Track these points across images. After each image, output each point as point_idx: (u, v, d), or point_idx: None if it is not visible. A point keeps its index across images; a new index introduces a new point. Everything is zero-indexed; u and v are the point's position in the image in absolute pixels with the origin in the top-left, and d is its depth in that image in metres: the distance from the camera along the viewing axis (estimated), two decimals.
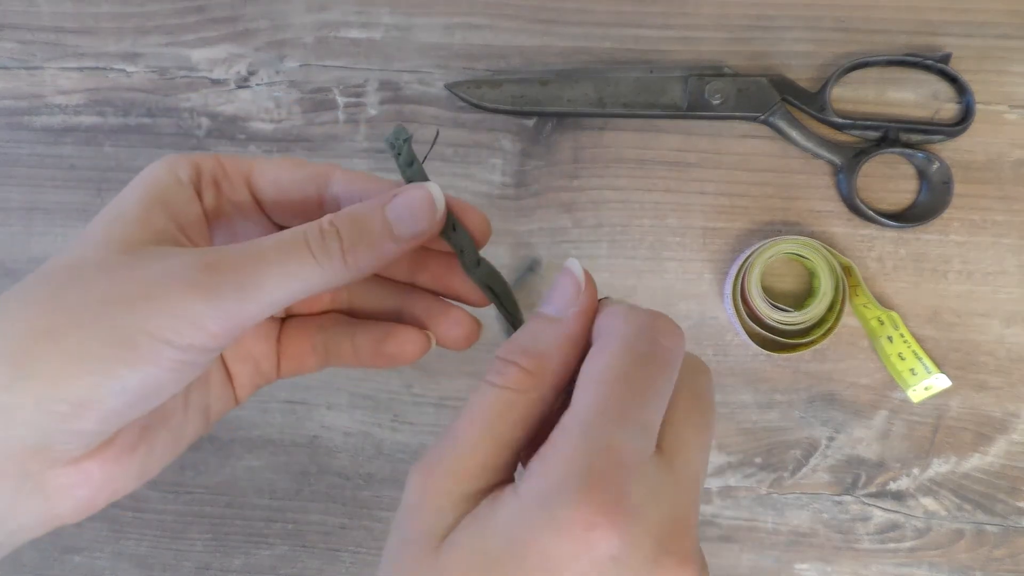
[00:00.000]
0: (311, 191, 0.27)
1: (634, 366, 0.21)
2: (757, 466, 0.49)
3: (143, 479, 0.25)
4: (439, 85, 0.48)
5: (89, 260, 0.22)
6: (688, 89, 0.46)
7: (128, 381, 0.21)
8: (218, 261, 0.22)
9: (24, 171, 0.51)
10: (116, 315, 0.21)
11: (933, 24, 0.47)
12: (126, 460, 0.23)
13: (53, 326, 0.21)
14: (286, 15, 0.49)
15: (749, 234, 0.48)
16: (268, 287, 0.22)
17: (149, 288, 0.21)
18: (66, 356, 0.20)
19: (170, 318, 0.21)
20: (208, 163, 0.26)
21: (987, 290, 0.47)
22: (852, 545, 0.49)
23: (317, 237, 0.23)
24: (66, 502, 0.22)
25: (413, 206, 0.24)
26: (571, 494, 0.19)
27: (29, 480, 0.21)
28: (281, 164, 0.27)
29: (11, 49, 0.50)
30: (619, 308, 0.23)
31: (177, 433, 0.26)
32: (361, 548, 0.52)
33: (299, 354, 0.29)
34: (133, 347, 0.21)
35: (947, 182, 0.46)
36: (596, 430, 0.20)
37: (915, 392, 0.46)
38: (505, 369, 0.22)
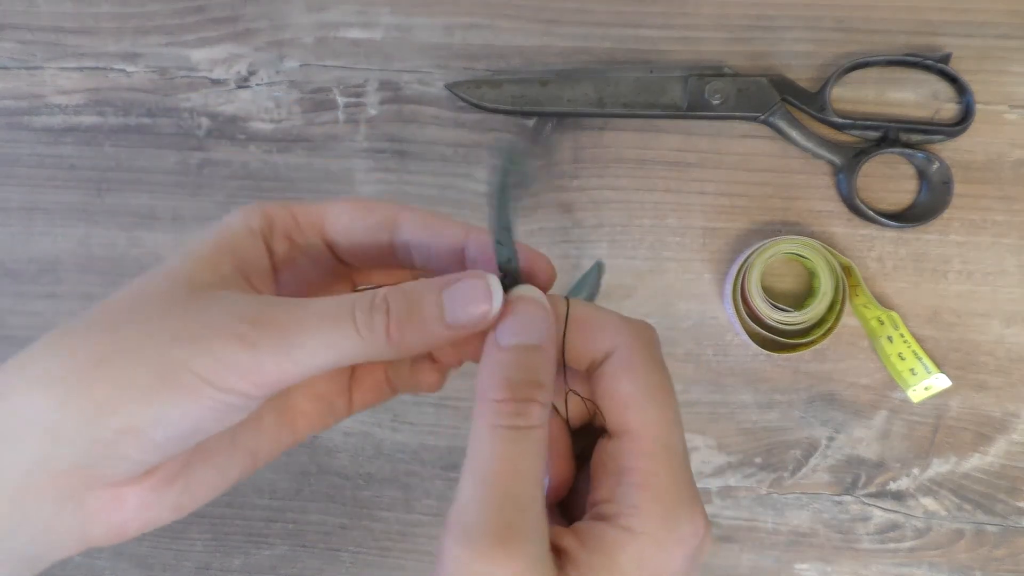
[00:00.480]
0: (383, 237, 0.27)
1: (661, 375, 0.24)
2: (757, 466, 0.49)
3: (179, 513, 0.25)
4: (439, 85, 0.48)
5: (152, 294, 0.23)
6: (688, 89, 0.46)
7: (169, 414, 0.21)
8: (262, 315, 0.22)
9: (24, 171, 0.51)
10: (164, 349, 0.21)
11: (933, 24, 0.47)
12: (163, 492, 0.24)
13: (106, 354, 0.21)
14: (286, 15, 0.49)
15: (749, 234, 0.48)
16: (307, 350, 0.22)
17: (198, 329, 0.22)
18: (113, 383, 0.21)
19: (212, 361, 0.21)
20: (281, 214, 0.26)
21: (987, 290, 0.47)
22: (852, 545, 0.49)
23: (365, 310, 0.23)
24: (100, 526, 0.23)
25: (471, 295, 0.23)
26: (686, 511, 0.22)
27: (69, 500, 0.22)
28: (353, 212, 0.27)
29: (11, 49, 0.50)
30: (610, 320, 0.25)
31: (220, 471, 0.26)
32: (361, 548, 0.52)
33: (374, 386, 0.29)
34: (176, 382, 0.21)
35: (947, 182, 0.46)
36: (673, 449, 0.23)
37: (915, 392, 0.46)
38: (526, 410, 0.22)
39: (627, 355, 0.24)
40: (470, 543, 0.21)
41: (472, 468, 0.22)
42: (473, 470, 0.22)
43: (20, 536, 0.22)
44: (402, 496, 0.51)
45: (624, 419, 0.24)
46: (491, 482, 0.21)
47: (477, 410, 0.23)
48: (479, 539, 0.21)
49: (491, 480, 0.21)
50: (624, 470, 0.23)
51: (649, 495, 0.22)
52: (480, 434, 0.22)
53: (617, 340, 0.24)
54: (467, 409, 0.50)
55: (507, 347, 0.23)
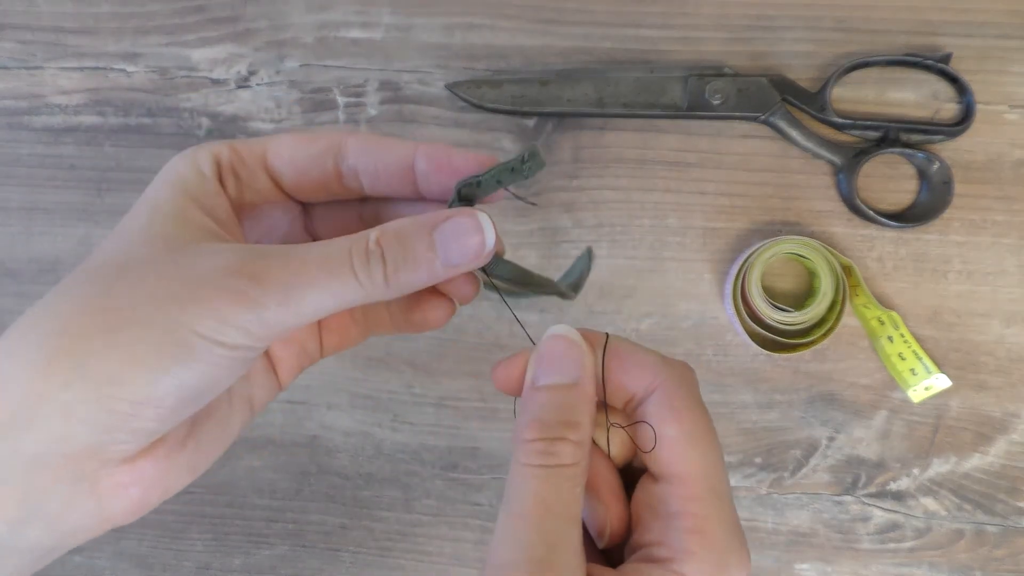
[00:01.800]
0: (328, 165, 0.26)
1: (704, 417, 0.24)
2: (757, 466, 0.49)
3: (194, 474, 0.25)
4: (439, 85, 0.48)
5: (136, 257, 0.22)
6: (688, 89, 0.46)
7: (184, 379, 0.21)
8: (262, 271, 0.22)
9: (24, 171, 0.51)
10: (168, 315, 0.21)
11: (933, 24, 0.47)
12: (177, 456, 0.23)
13: (107, 325, 0.21)
14: (286, 15, 0.49)
15: (749, 234, 0.48)
16: (310, 302, 0.22)
17: (197, 291, 0.21)
18: (123, 355, 0.21)
19: (218, 322, 0.21)
20: (225, 152, 0.26)
21: (987, 290, 0.47)
22: (852, 545, 0.49)
23: (362, 258, 0.23)
24: (120, 502, 0.22)
25: (462, 232, 0.24)
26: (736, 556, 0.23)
27: (84, 481, 0.21)
28: (295, 142, 0.26)
29: (11, 49, 0.50)
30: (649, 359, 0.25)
31: (224, 425, 0.26)
32: (361, 548, 0.52)
33: (341, 327, 0.29)
34: (187, 347, 0.21)
35: (947, 182, 0.46)
36: (722, 493, 0.23)
37: (915, 392, 0.46)
38: (556, 448, 0.22)
39: (669, 397, 0.24)
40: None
41: (506, 507, 0.22)
42: (507, 509, 0.22)
43: (35, 524, 0.21)
44: (402, 496, 0.51)
45: (671, 464, 0.24)
46: (522, 520, 0.22)
47: (514, 450, 0.23)
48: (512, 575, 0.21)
49: (522, 518, 0.22)
50: (674, 514, 0.23)
51: (701, 540, 0.22)
52: (514, 473, 0.23)
53: (657, 380, 0.24)
54: (467, 409, 0.50)
55: (540, 387, 0.24)
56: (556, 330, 0.25)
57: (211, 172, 0.25)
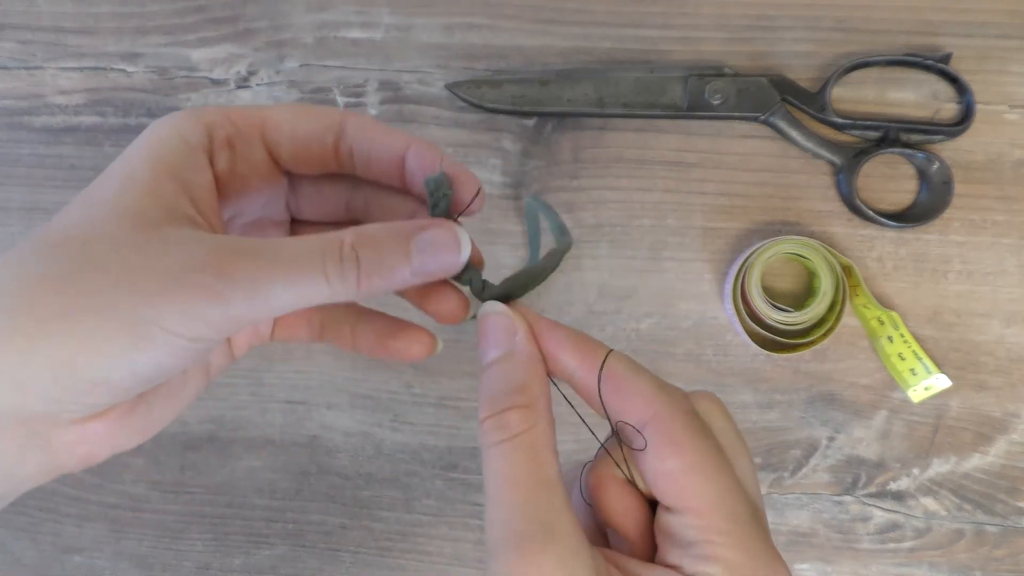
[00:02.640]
0: (327, 141, 0.26)
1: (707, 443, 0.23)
2: (757, 466, 0.49)
3: (144, 436, 0.25)
4: (439, 85, 0.48)
5: (102, 234, 0.22)
6: (688, 89, 0.46)
7: (142, 365, 0.21)
8: (231, 269, 0.21)
9: (24, 171, 0.51)
10: (131, 305, 0.21)
11: (933, 24, 0.47)
12: (127, 419, 0.24)
13: (68, 308, 0.21)
14: (286, 15, 0.49)
15: (749, 234, 0.48)
16: (277, 299, 0.22)
17: (163, 284, 0.21)
18: (82, 338, 0.21)
19: (181, 316, 0.21)
20: (219, 121, 0.25)
21: (987, 290, 0.47)
22: (852, 545, 0.49)
23: (335, 262, 0.22)
24: (69, 457, 0.23)
25: (438, 245, 0.24)
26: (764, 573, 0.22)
27: (36, 438, 0.22)
28: (295, 115, 0.26)
29: (11, 49, 0.50)
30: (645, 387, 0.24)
31: (177, 394, 0.26)
32: (361, 548, 0.52)
33: (294, 326, 0.29)
34: (148, 337, 0.21)
35: (947, 182, 0.46)
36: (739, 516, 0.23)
37: (915, 392, 0.46)
38: (505, 420, 0.23)
39: (668, 429, 0.23)
40: (497, 561, 0.21)
41: (486, 494, 0.23)
42: (486, 496, 0.23)
43: None
44: (402, 496, 0.51)
45: (682, 497, 0.23)
46: (497, 500, 0.22)
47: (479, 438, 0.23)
48: (503, 555, 0.21)
49: (496, 500, 0.22)
50: (690, 543, 0.23)
51: (723, 567, 0.22)
52: (482, 458, 0.23)
53: (651, 411, 0.24)
54: (467, 409, 0.50)
55: (484, 367, 0.24)
56: (482, 309, 0.25)
57: (198, 142, 0.24)
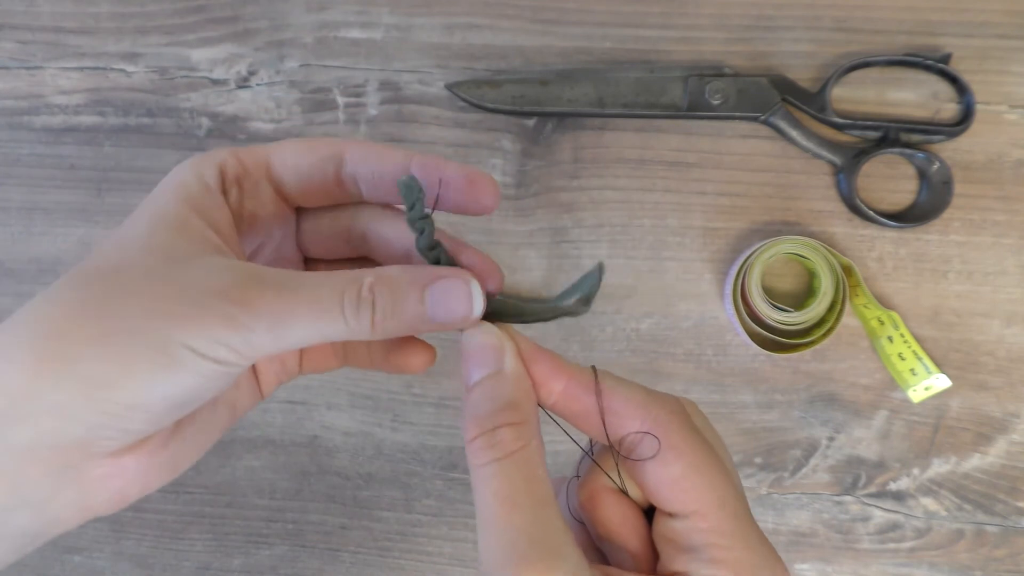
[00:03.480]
0: (329, 172, 0.27)
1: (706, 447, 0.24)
2: (757, 466, 0.49)
3: (175, 473, 0.25)
4: (439, 85, 0.48)
5: (134, 265, 0.23)
6: (688, 89, 0.46)
7: (172, 388, 0.22)
8: (254, 301, 0.22)
9: (24, 171, 0.51)
10: (162, 328, 0.22)
11: (933, 24, 0.47)
12: (159, 454, 0.24)
13: (100, 331, 0.22)
14: (286, 15, 0.49)
15: (749, 234, 0.48)
16: (296, 334, 0.23)
17: (191, 308, 0.22)
18: (115, 361, 0.21)
19: (207, 340, 0.22)
20: (230, 161, 0.26)
21: (987, 290, 0.47)
22: (852, 545, 0.49)
23: (353, 302, 0.23)
24: (101, 494, 0.23)
25: (453, 297, 0.24)
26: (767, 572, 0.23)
27: (69, 471, 0.22)
28: (297, 150, 0.27)
29: (11, 49, 0.50)
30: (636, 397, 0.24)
31: (207, 428, 0.27)
32: (361, 548, 0.52)
33: (321, 354, 0.30)
34: (177, 359, 0.22)
35: (947, 182, 0.46)
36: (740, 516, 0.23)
37: (915, 392, 0.46)
38: (497, 438, 0.23)
39: (666, 435, 0.24)
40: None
41: (478, 515, 0.23)
42: (478, 517, 0.23)
43: (22, 512, 0.22)
44: (402, 496, 0.51)
45: (684, 501, 0.23)
46: (494, 521, 0.22)
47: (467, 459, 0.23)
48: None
49: (491, 522, 0.22)
50: (697, 547, 0.23)
51: (729, 569, 0.23)
52: (472, 479, 0.23)
53: (649, 419, 0.24)
54: None
55: (471, 387, 0.24)
56: (470, 331, 0.25)
57: (215, 183, 0.26)
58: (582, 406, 0.25)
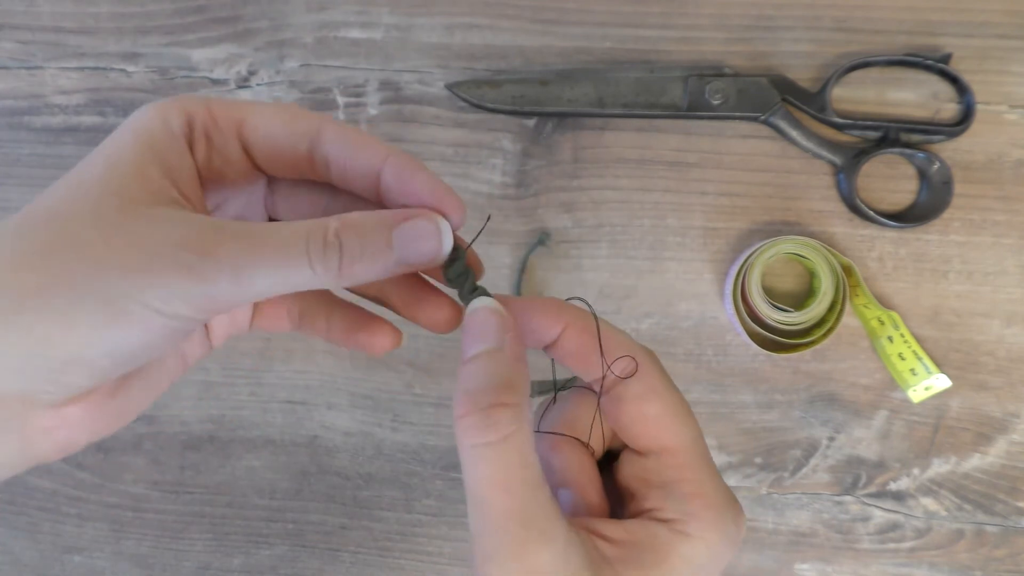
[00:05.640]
0: (302, 147, 0.26)
1: (678, 393, 0.26)
2: (757, 466, 0.49)
3: (122, 422, 0.25)
4: (439, 85, 0.48)
5: (85, 215, 0.22)
6: (688, 89, 0.46)
7: (118, 343, 0.21)
8: (215, 246, 0.21)
9: (24, 171, 0.51)
10: (111, 281, 0.21)
11: (933, 24, 0.47)
12: (105, 404, 0.24)
13: (45, 283, 0.21)
14: (286, 15, 0.49)
15: (749, 234, 0.48)
16: (259, 282, 0.22)
17: (145, 261, 0.21)
18: (58, 315, 0.20)
19: (163, 292, 0.21)
20: (200, 111, 0.25)
21: (987, 290, 0.47)
22: (852, 545, 0.49)
23: (319, 247, 0.22)
24: (46, 443, 0.23)
25: (421, 236, 0.24)
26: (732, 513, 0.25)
27: (12, 421, 0.22)
28: (273, 116, 0.26)
29: (11, 49, 0.50)
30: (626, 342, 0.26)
31: (155, 379, 0.26)
32: (361, 548, 0.52)
33: (274, 315, 0.29)
34: (125, 313, 0.21)
35: (947, 182, 0.46)
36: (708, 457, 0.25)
37: (915, 392, 0.46)
38: (492, 418, 0.22)
39: (647, 377, 0.26)
40: (493, 566, 0.22)
41: (468, 495, 0.22)
42: (468, 497, 0.22)
43: None
44: (402, 496, 0.51)
45: (659, 439, 0.25)
46: (487, 506, 0.22)
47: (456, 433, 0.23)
48: (499, 560, 0.22)
49: (482, 505, 0.22)
50: (672, 483, 0.25)
51: (701, 502, 0.24)
52: (462, 459, 0.22)
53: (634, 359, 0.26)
54: None
55: (467, 360, 0.24)
56: (475, 304, 0.25)
57: (180, 131, 0.24)
58: (575, 346, 0.26)
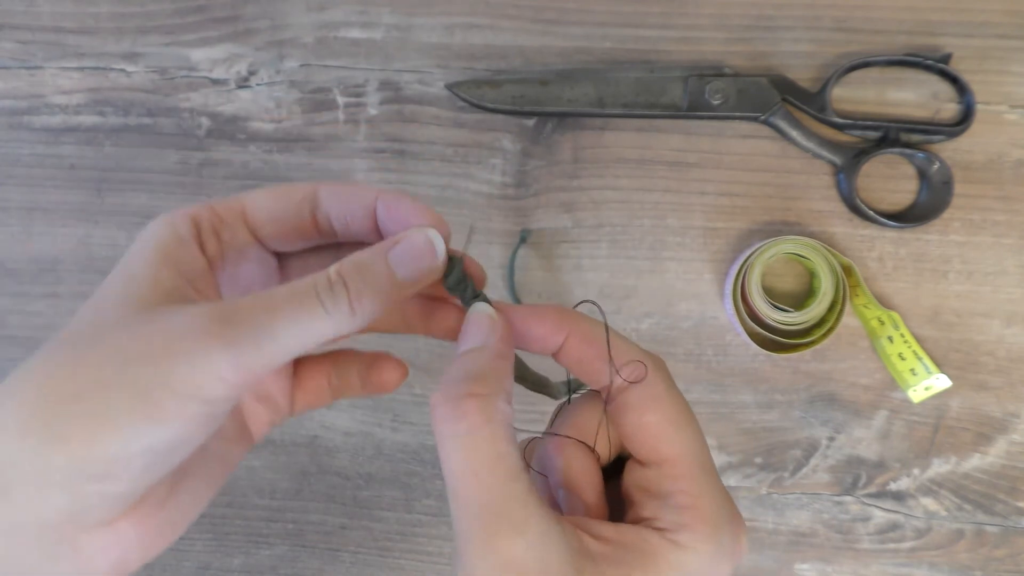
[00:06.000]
0: (305, 215, 0.27)
1: (682, 401, 0.26)
2: (757, 466, 0.49)
3: (174, 535, 0.25)
4: (439, 85, 0.48)
5: (107, 321, 0.23)
6: (688, 89, 0.46)
7: (155, 437, 0.21)
8: (233, 313, 0.22)
9: (24, 171, 0.51)
10: (139, 372, 0.21)
11: (933, 24, 0.47)
12: (155, 517, 0.24)
13: (78, 389, 0.21)
14: (286, 15, 0.49)
15: (749, 234, 0.48)
16: (281, 337, 0.22)
17: (168, 343, 0.21)
18: (93, 417, 0.21)
19: (191, 371, 0.21)
20: (204, 214, 0.26)
21: (987, 290, 0.47)
22: (852, 545, 0.49)
23: (326, 288, 0.23)
24: (100, 564, 0.22)
25: (414, 251, 0.25)
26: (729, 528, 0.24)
27: (63, 545, 0.21)
28: (270, 197, 0.27)
29: (11, 49, 0.50)
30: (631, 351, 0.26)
31: (201, 485, 0.26)
32: (361, 548, 0.52)
33: (315, 389, 0.30)
34: (158, 403, 0.21)
35: (947, 182, 0.46)
36: (709, 469, 0.25)
37: (915, 392, 0.46)
38: (461, 408, 0.22)
39: (650, 385, 0.26)
40: (467, 552, 0.22)
41: (446, 483, 0.23)
42: (447, 486, 0.23)
43: None
44: (402, 496, 0.51)
45: (658, 449, 0.25)
46: (460, 495, 0.22)
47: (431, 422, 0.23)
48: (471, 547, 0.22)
49: (458, 495, 0.22)
50: (668, 494, 0.25)
51: (695, 514, 0.24)
52: (438, 446, 0.23)
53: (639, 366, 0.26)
54: None
55: (455, 358, 0.25)
56: (471, 309, 0.26)
57: (189, 234, 0.26)
58: (578, 354, 0.26)
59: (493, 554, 0.22)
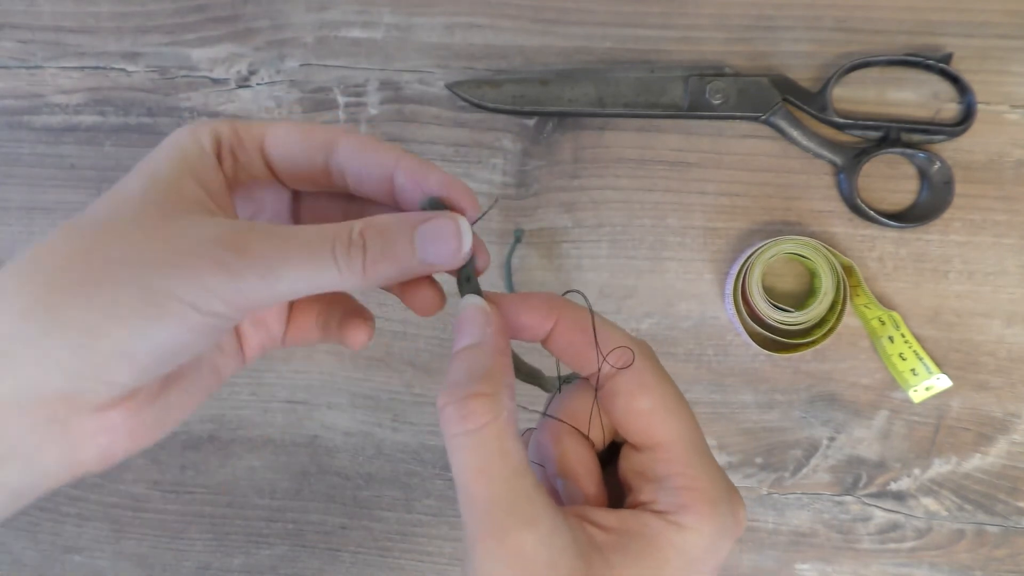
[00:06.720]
0: (319, 159, 0.27)
1: (672, 385, 0.26)
2: (758, 466, 0.49)
3: (160, 432, 0.25)
4: (440, 85, 0.48)
5: (127, 220, 0.23)
6: (689, 89, 0.46)
7: (158, 338, 0.22)
8: (245, 245, 0.22)
9: (24, 171, 0.51)
10: (150, 276, 0.22)
11: (933, 24, 0.47)
12: (145, 411, 0.24)
13: (89, 278, 0.21)
14: (287, 15, 0.49)
15: (750, 234, 0.48)
16: (288, 281, 0.23)
17: (181, 257, 0.22)
18: (103, 308, 0.21)
19: (197, 288, 0.22)
20: (226, 132, 0.27)
21: (988, 290, 0.47)
22: (852, 545, 0.49)
23: (344, 247, 0.23)
24: (89, 449, 0.23)
25: (443, 237, 0.25)
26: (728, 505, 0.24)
27: (55, 425, 0.22)
28: (291, 132, 0.27)
29: (11, 49, 0.50)
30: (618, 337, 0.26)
31: (192, 389, 0.27)
32: (361, 548, 0.51)
33: (304, 324, 0.30)
34: (164, 307, 0.22)
35: (948, 182, 0.46)
36: (703, 449, 0.25)
37: (916, 392, 0.46)
38: (468, 408, 0.23)
39: (639, 373, 0.26)
40: (478, 550, 0.22)
41: (455, 483, 0.23)
42: (456, 485, 0.23)
43: (9, 465, 0.22)
44: (402, 496, 0.51)
45: (651, 434, 0.25)
46: (469, 493, 0.23)
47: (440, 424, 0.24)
48: (482, 544, 0.22)
49: (467, 493, 0.23)
50: (664, 476, 0.25)
51: (693, 494, 0.24)
52: (447, 446, 0.23)
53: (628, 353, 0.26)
54: None
55: (453, 355, 0.25)
56: (463, 302, 0.26)
57: (210, 148, 0.26)
58: (566, 341, 0.26)
59: (504, 550, 0.22)
